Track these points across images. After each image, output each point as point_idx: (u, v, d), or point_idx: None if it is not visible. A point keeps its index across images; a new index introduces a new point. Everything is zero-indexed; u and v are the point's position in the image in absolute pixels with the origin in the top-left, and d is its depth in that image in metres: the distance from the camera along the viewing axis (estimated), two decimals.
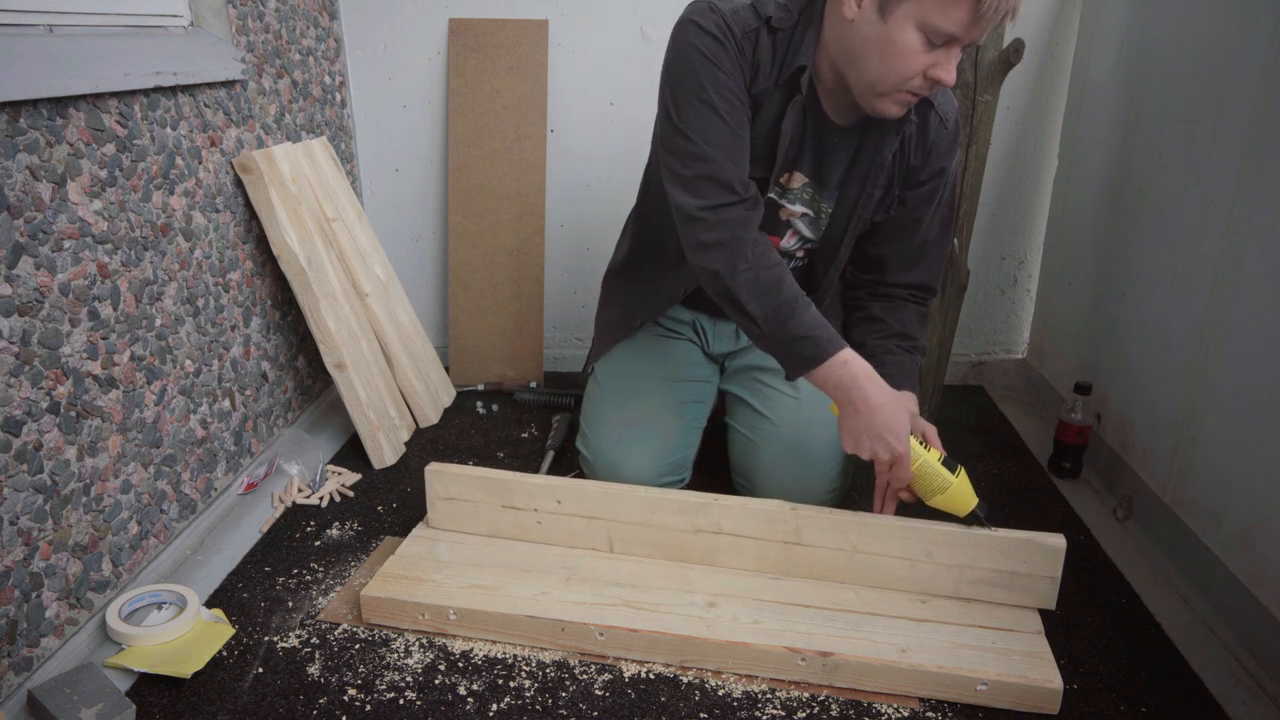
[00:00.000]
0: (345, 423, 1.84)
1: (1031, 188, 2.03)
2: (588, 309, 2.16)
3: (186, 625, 1.21)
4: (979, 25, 1.09)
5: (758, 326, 1.23)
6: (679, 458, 1.49)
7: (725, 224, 1.22)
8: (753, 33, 1.22)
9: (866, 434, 1.20)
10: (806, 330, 1.21)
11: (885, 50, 1.13)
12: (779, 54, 1.24)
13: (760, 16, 1.22)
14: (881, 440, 1.20)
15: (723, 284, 1.24)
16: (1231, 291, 1.30)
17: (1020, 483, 1.68)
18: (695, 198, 1.23)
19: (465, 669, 1.17)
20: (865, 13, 1.14)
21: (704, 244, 1.24)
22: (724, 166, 1.22)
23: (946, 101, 1.33)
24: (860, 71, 1.18)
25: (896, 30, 1.11)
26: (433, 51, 2.00)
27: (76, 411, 1.15)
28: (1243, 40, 1.29)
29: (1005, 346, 2.18)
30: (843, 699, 1.12)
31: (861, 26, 1.15)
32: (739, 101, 1.23)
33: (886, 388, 1.21)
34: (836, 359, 1.20)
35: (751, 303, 1.22)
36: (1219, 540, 1.31)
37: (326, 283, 1.66)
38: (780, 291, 1.22)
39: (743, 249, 1.22)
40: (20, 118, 1.04)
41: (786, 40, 1.23)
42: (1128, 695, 1.15)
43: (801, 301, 1.22)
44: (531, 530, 1.37)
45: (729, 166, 1.22)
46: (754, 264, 1.22)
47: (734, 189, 1.22)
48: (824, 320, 1.23)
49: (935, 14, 1.08)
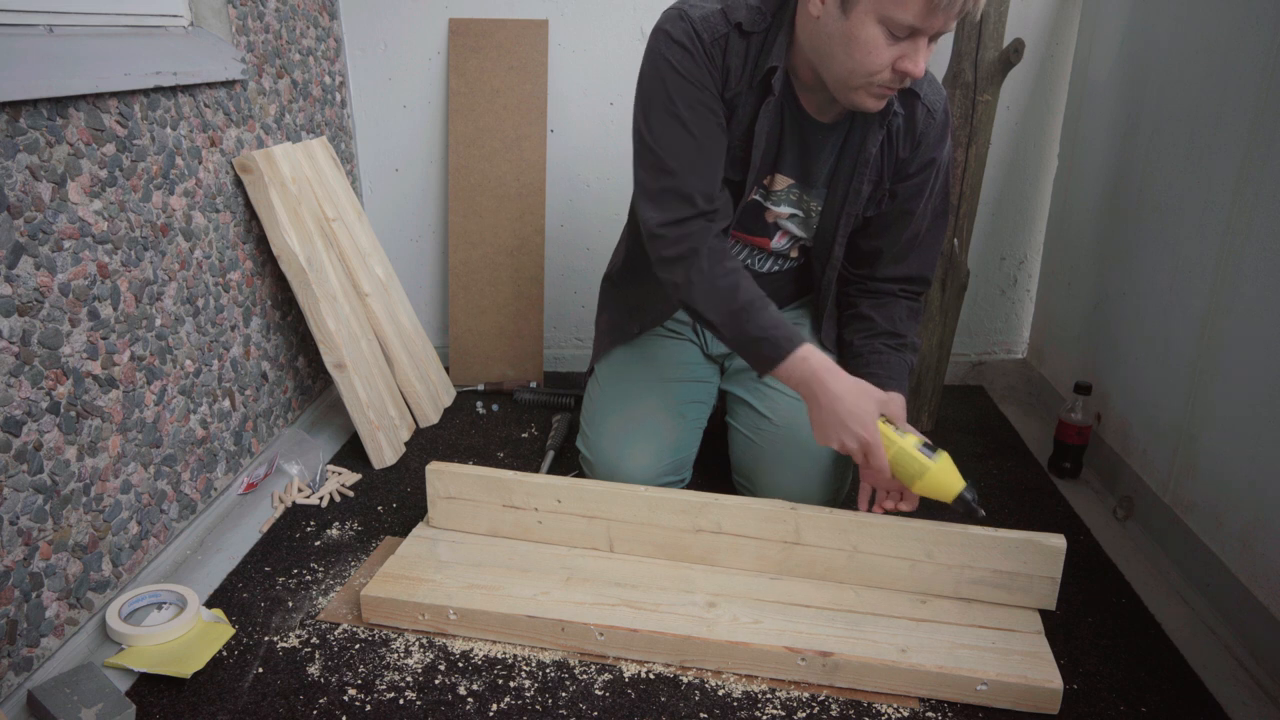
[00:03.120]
0: (345, 423, 1.84)
1: (1031, 188, 2.03)
2: (588, 309, 2.16)
3: (186, 625, 1.21)
4: (936, 15, 1.08)
5: (720, 332, 1.27)
6: (679, 458, 1.49)
7: (684, 238, 1.26)
8: (722, 38, 1.23)
9: (832, 425, 1.21)
10: (764, 331, 1.23)
11: (850, 46, 1.14)
12: (751, 57, 1.25)
13: (730, 22, 1.23)
14: (846, 429, 1.20)
15: (682, 296, 1.28)
16: (1231, 291, 1.30)
17: (1020, 483, 1.68)
18: (658, 212, 1.26)
19: (465, 669, 1.17)
20: (829, 9, 1.15)
21: (665, 259, 1.28)
22: (686, 180, 1.24)
23: (934, 92, 1.32)
24: (830, 68, 1.18)
25: (858, 25, 1.12)
26: (433, 51, 2.00)
27: (76, 411, 1.15)
28: (1243, 40, 1.29)
29: (1005, 346, 2.18)
30: (843, 699, 1.12)
31: (827, 23, 1.15)
32: (707, 111, 1.24)
33: (847, 378, 1.22)
34: (795, 356, 1.22)
35: (710, 310, 1.26)
36: (1219, 540, 1.31)
37: (326, 283, 1.66)
38: (736, 296, 1.24)
39: (698, 260, 1.25)
40: (20, 118, 1.04)
41: (759, 43, 1.24)
42: (1128, 695, 1.15)
43: (758, 304, 1.24)
44: (532, 530, 1.37)
45: (691, 179, 1.25)
46: (709, 273, 1.25)
47: (694, 202, 1.25)
48: (782, 320, 1.25)
49: (892, 6, 1.09)
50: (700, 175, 1.25)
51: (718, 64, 1.24)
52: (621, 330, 1.55)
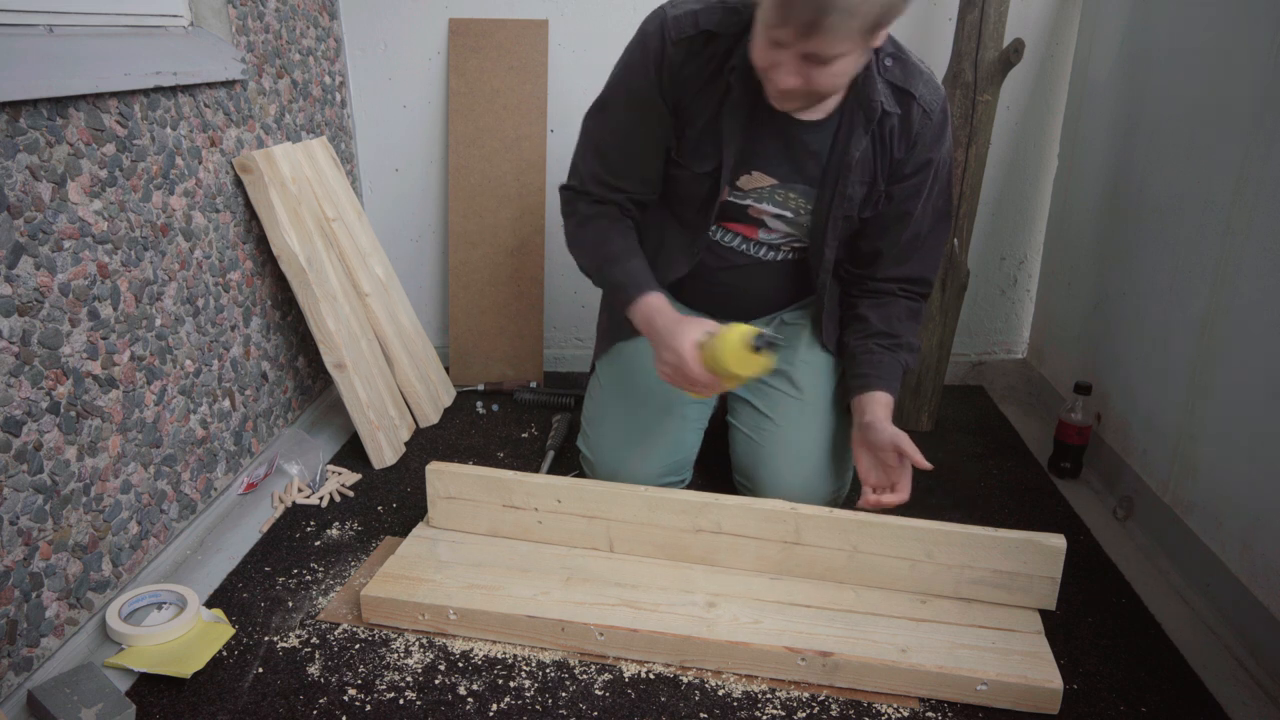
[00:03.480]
0: (345, 423, 1.84)
1: (1031, 188, 2.03)
2: (588, 309, 2.16)
3: (186, 625, 1.21)
4: (787, 26, 1.08)
5: (593, 277, 1.42)
6: (679, 458, 1.49)
7: (573, 201, 1.43)
8: (686, 40, 1.26)
9: (658, 354, 1.30)
10: (619, 280, 1.35)
11: (753, 42, 1.17)
12: (719, 57, 1.27)
13: (699, 26, 1.25)
14: (660, 354, 1.28)
15: (567, 243, 1.45)
16: (1231, 291, 1.30)
17: (1020, 483, 1.69)
18: (570, 175, 1.44)
19: (465, 669, 1.17)
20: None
21: (562, 211, 1.46)
22: (588, 162, 1.40)
23: (930, 92, 1.31)
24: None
25: (757, 27, 1.15)
26: (433, 51, 2.00)
27: (76, 411, 1.15)
28: (1243, 40, 1.29)
29: (1005, 346, 2.18)
30: (843, 699, 1.12)
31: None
32: (641, 109, 1.32)
33: (673, 315, 1.29)
34: (640, 302, 1.32)
35: (583, 258, 1.42)
36: (1219, 540, 1.31)
37: (326, 283, 1.66)
38: (600, 249, 1.38)
39: (574, 217, 1.43)
40: (20, 118, 1.04)
41: (728, 44, 1.26)
42: (1128, 695, 1.15)
43: (622, 257, 1.36)
44: (532, 530, 1.37)
45: (592, 163, 1.39)
46: (590, 227, 1.40)
47: (585, 184, 1.40)
48: (642, 270, 1.35)
49: (762, 12, 1.12)
50: (601, 162, 1.38)
51: (674, 67, 1.28)
52: (621, 329, 1.55)
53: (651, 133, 1.35)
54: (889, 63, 1.28)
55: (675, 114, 1.32)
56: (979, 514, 1.55)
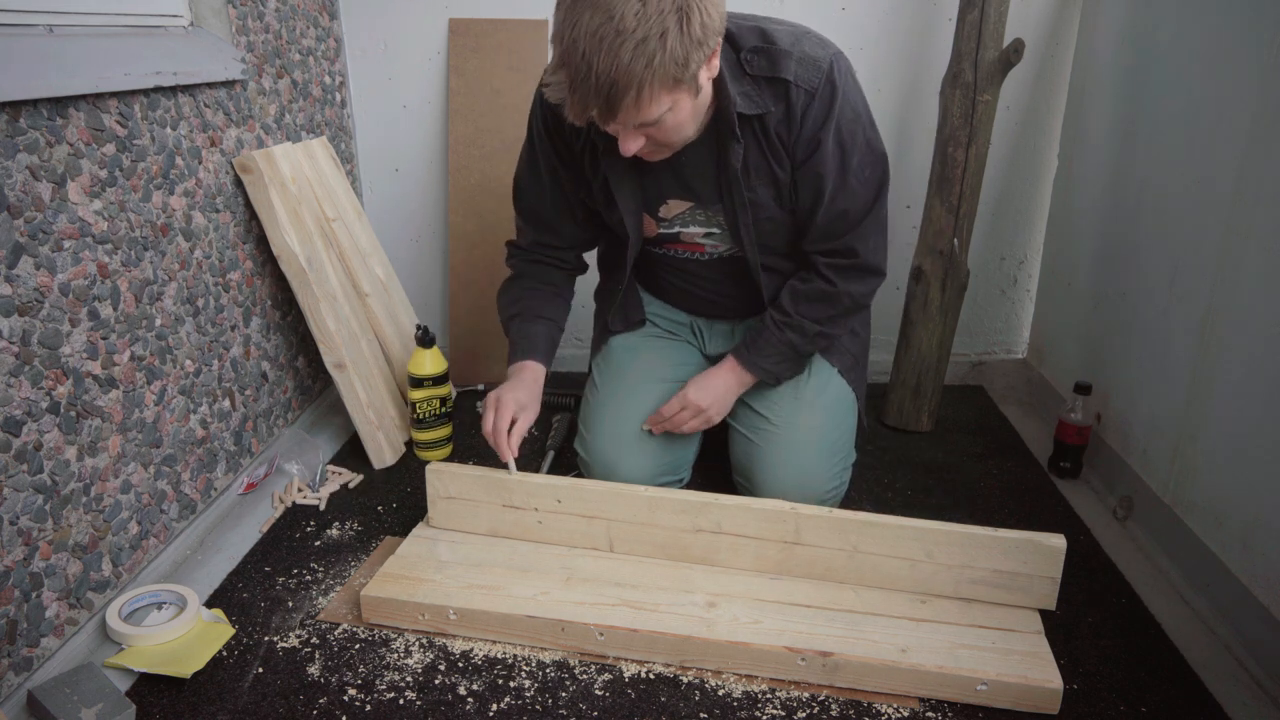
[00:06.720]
0: (345, 423, 1.84)
1: (1031, 188, 2.03)
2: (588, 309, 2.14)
3: (186, 625, 1.21)
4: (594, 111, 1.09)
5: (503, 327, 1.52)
6: (676, 458, 1.49)
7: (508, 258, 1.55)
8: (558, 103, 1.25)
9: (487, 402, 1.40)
10: (514, 338, 1.47)
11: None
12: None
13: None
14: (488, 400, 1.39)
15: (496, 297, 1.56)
16: (1231, 291, 1.30)
17: (1020, 483, 1.68)
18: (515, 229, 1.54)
19: (465, 669, 1.17)
20: None
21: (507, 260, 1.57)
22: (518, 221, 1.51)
23: (805, 68, 1.22)
24: None
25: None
26: (433, 51, 2.00)
27: (76, 411, 1.15)
28: (1243, 40, 1.29)
29: (1005, 346, 2.18)
30: (843, 699, 1.12)
31: None
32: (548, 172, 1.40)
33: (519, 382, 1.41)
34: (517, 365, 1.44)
35: (500, 311, 1.53)
36: (1219, 540, 1.31)
37: (326, 283, 1.66)
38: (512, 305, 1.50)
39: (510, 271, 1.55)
40: (20, 118, 1.04)
41: None
42: (1128, 695, 1.15)
43: (525, 318, 1.47)
44: (531, 530, 1.37)
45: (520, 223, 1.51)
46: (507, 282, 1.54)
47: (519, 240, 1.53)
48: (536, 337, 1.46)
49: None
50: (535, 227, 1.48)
51: (558, 128, 1.33)
52: (611, 330, 1.57)
53: (560, 191, 1.42)
54: (752, 57, 1.23)
55: (575, 170, 1.38)
56: (979, 514, 1.55)
